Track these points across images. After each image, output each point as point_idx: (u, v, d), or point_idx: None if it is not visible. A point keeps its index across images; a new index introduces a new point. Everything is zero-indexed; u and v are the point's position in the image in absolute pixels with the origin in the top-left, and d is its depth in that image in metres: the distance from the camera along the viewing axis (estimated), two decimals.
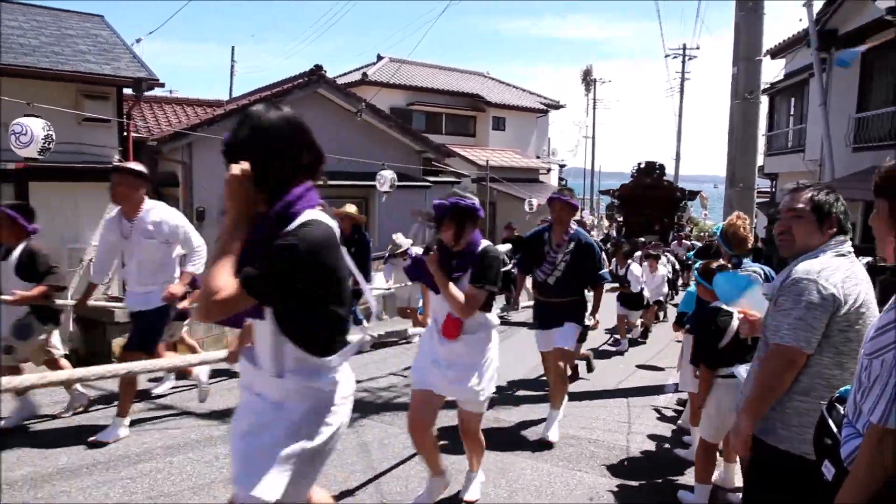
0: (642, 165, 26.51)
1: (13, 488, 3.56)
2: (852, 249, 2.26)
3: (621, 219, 28.23)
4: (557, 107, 28.40)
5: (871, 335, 1.54)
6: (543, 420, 5.06)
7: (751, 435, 2.23)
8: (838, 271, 2.13)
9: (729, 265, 3.93)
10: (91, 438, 4.20)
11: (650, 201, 25.57)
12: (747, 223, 3.98)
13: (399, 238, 8.26)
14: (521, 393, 6.10)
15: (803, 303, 2.10)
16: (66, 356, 5.12)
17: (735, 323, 3.30)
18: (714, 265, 3.83)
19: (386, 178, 11.86)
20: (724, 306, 3.53)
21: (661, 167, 26.55)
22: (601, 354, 8.11)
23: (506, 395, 5.92)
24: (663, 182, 26.54)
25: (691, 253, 14.54)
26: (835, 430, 1.67)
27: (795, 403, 2.15)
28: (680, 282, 16.58)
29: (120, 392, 4.41)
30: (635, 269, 9.01)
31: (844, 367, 2.11)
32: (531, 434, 4.82)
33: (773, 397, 2.18)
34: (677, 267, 16.13)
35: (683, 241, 20.01)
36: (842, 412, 1.67)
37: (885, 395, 1.42)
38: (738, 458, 3.81)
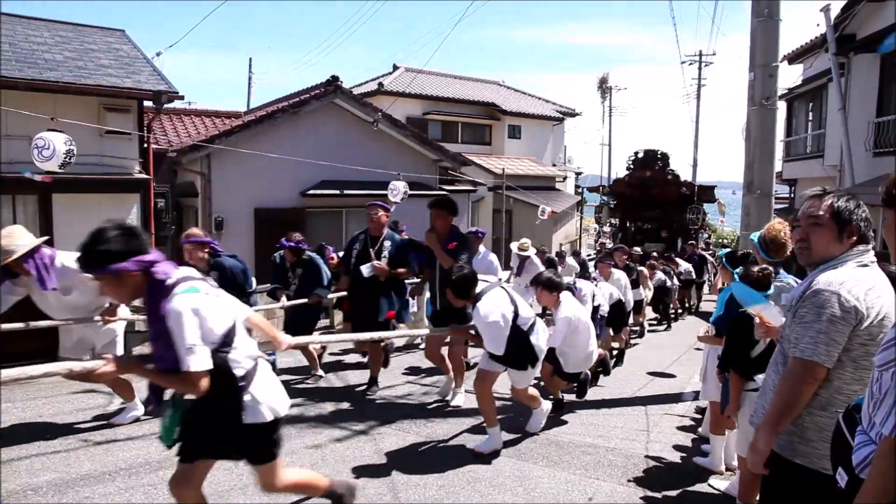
0: (639, 155, 20.96)
1: (38, 494, 3.62)
2: (875, 259, 2.18)
3: (615, 223, 22.99)
4: (573, 114, 28.36)
5: (882, 347, 1.53)
6: (558, 426, 5.06)
7: (769, 453, 2.16)
8: (861, 283, 2.06)
9: (771, 270, 3.81)
10: None
11: (652, 201, 20.45)
12: (788, 229, 3.91)
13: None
14: None
15: (825, 316, 2.03)
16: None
17: None
18: (756, 269, 3.67)
19: (399, 189, 11.90)
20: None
21: (664, 156, 20.71)
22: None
23: (521, 405, 5.91)
24: (667, 176, 20.62)
25: (722, 251, 8.13)
26: (850, 438, 1.65)
27: (815, 418, 2.09)
28: (675, 307, 13.21)
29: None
30: (487, 308, 4.18)
31: (865, 383, 2.00)
32: (548, 442, 4.81)
33: (794, 413, 2.11)
34: (671, 284, 12.43)
35: (690, 253, 15.77)
36: (857, 420, 1.66)
37: (895, 409, 1.41)
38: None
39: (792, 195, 19.00)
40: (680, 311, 13.86)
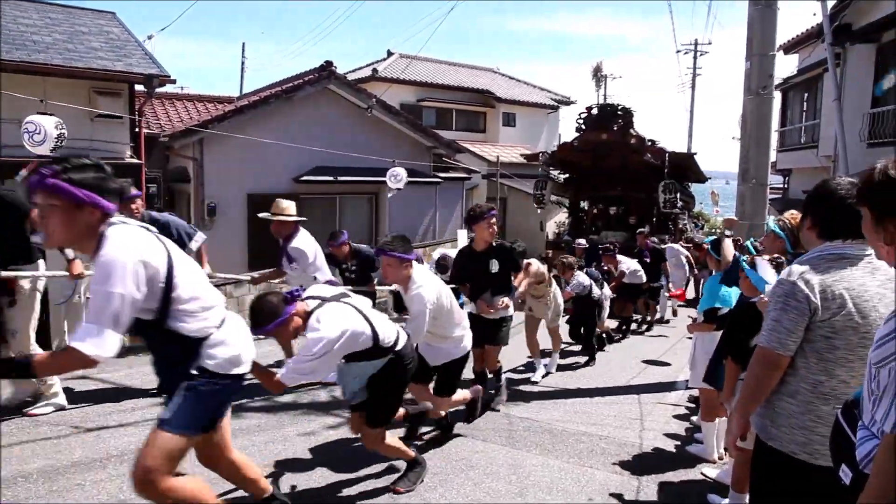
0: (594, 111, 14.58)
1: (28, 481, 3.59)
2: (866, 252, 2.13)
3: (565, 203, 17.35)
4: (568, 103, 28.25)
5: (876, 344, 1.51)
6: (554, 415, 5.07)
7: (740, 435, 2.27)
8: (825, 274, 2.07)
9: (784, 260, 3.74)
10: None
11: (610, 173, 14.48)
12: None
13: None
14: (531, 389, 6.09)
15: (779, 304, 2.10)
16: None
17: None
18: (769, 258, 3.62)
19: (401, 176, 11.80)
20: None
21: (627, 113, 14.13)
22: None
23: (516, 392, 5.91)
24: (629, 139, 13.86)
25: (708, 238, 7.84)
26: (850, 434, 1.63)
27: (784, 404, 2.16)
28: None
29: None
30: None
31: (832, 375, 2.07)
32: (542, 430, 4.81)
33: (760, 398, 2.20)
34: (600, 294, 7.67)
35: (640, 246, 10.53)
36: (857, 416, 1.64)
37: (895, 405, 1.40)
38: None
39: (786, 185, 19.05)
40: (616, 333, 9.19)
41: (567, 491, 3.76)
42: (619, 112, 14.43)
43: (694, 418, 5.11)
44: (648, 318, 10.35)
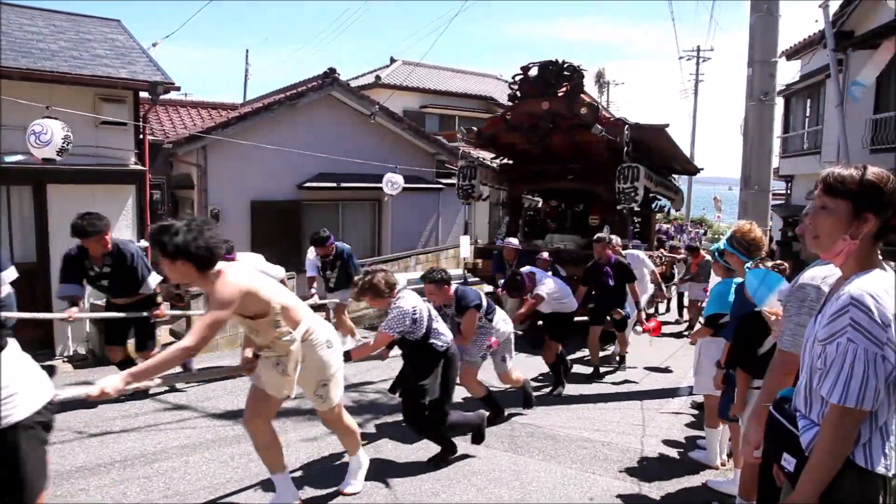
0: (532, 70, 10.08)
1: None
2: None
3: (503, 199, 13.36)
4: None
5: (825, 322, 1.60)
6: (557, 421, 5.07)
7: (757, 445, 2.20)
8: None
9: (786, 264, 3.71)
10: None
11: (562, 155, 10.28)
12: (758, 229, 3.85)
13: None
14: (534, 395, 6.08)
15: (804, 308, 2.10)
16: (83, 357, 5.18)
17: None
18: (770, 264, 3.44)
19: (397, 183, 11.82)
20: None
21: (574, 72, 9.76)
22: None
23: (519, 398, 5.90)
24: (579, 108, 9.40)
25: (715, 245, 4.37)
26: (788, 425, 1.73)
27: None
28: None
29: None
30: None
31: None
32: (544, 436, 4.81)
33: None
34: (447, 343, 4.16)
35: (599, 258, 7.09)
36: (787, 410, 1.78)
37: (842, 377, 1.51)
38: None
39: (788, 191, 19.03)
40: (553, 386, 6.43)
41: (570, 497, 3.76)
42: (566, 71, 9.80)
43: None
44: (617, 352, 7.61)
